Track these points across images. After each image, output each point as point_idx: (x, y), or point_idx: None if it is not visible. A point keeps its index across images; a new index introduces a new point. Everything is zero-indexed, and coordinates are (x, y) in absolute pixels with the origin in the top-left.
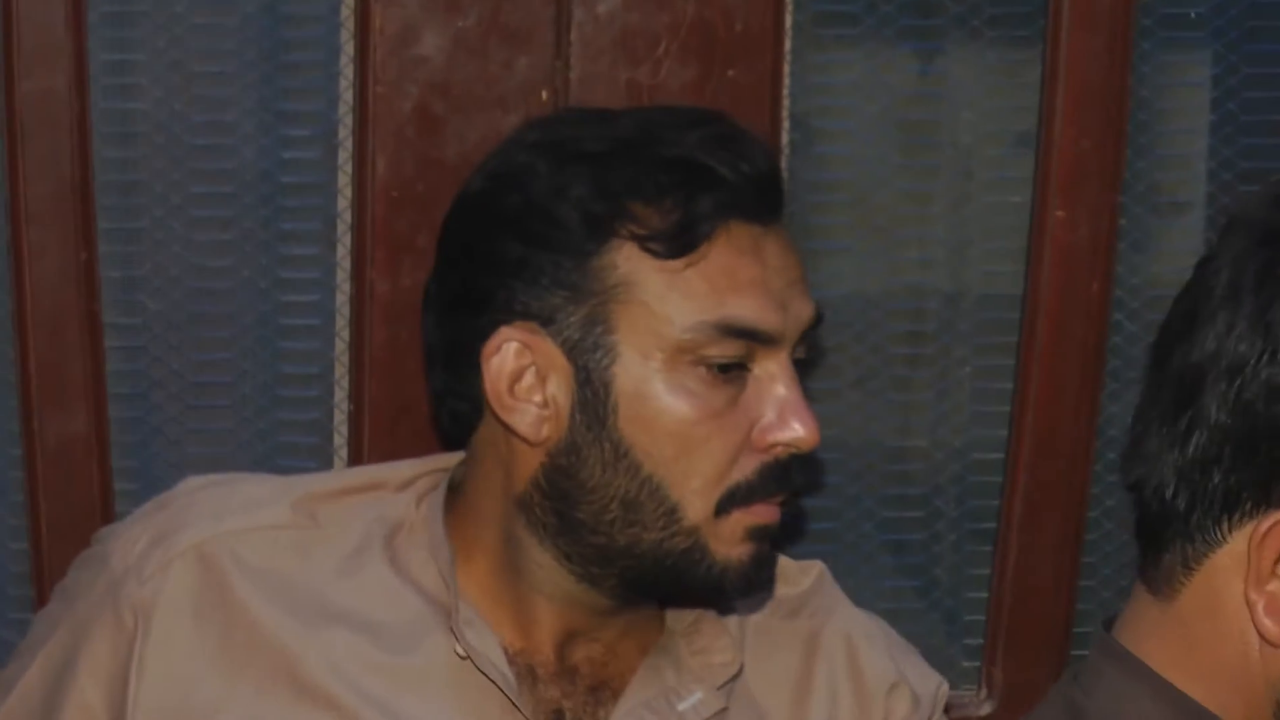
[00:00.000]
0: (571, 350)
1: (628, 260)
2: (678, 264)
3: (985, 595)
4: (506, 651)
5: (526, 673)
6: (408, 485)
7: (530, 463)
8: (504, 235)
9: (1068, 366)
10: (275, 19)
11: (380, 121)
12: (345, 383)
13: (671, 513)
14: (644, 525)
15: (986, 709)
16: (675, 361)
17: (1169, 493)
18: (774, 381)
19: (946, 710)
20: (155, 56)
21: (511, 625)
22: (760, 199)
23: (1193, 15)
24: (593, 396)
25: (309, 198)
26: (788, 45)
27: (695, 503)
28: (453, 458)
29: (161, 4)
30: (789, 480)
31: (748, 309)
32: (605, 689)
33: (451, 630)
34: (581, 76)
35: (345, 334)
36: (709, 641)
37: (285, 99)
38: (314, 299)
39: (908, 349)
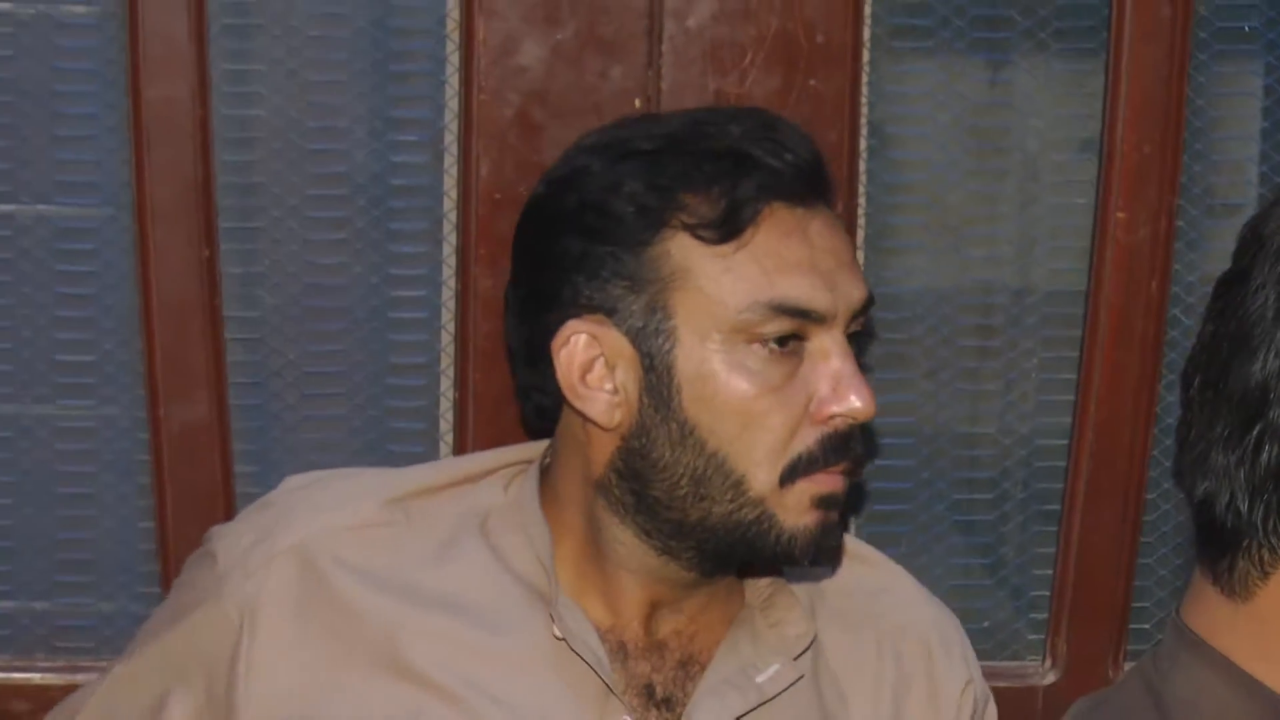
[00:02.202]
0: (635, 337)
1: (681, 248)
2: (727, 248)
3: (1050, 572)
4: (598, 630)
5: (618, 649)
6: (490, 474)
7: (606, 447)
8: (565, 233)
9: (1128, 358)
10: (385, 31)
11: (483, 128)
12: (450, 372)
13: (738, 485)
14: (713, 499)
15: (1051, 678)
16: (732, 341)
17: (1243, 505)
18: (829, 356)
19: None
20: (273, 66)
21: (600, 603)
22: (802, 182)
23: (1246, 29)
24: (658, 380)
25: (416, 199)
26: (866, 57)
27: (760, 475)
28: (531, 448)
29: (279, 17)
30: (849, 450)
31: (797, 288)
32: (694, 663)
33: (549, 614)
34: (672, 86)
35: (450, 327)
36: (783, 614)
37: (394, 107)
38: (421, 294)
39: (977, 341)
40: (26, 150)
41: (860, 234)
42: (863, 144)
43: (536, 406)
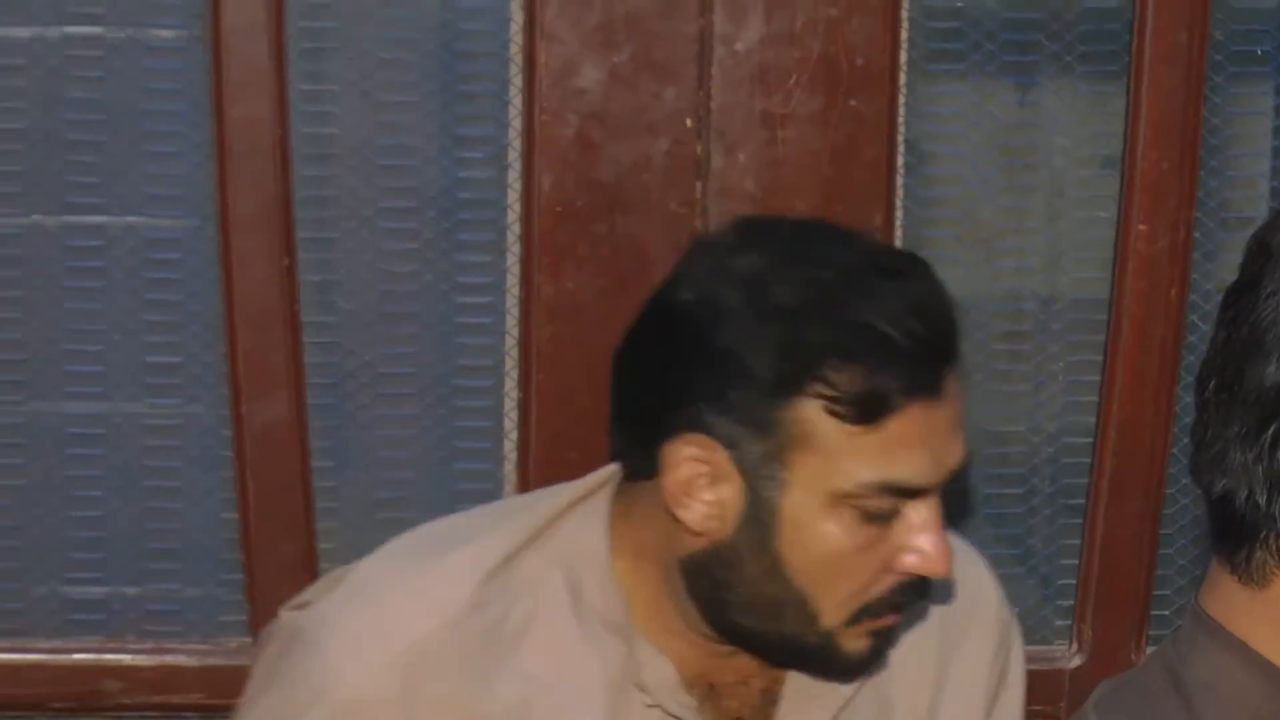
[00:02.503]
0: (746, 472)
1: (813, 416)
2: (858, 429)
3: (1075, 562)
4: (686, 675)
5: (708, 692)
6: (558, 519)
7: (695, 541)
8: (703, 365)
9: (1148, 362)
10: (452, 55)
11: (545, 145)
12: (514, 374)
13: (811, 619)
14: (784, 621)
15: (1077, 661)
16: (837, 503)
17: (1261, 499)
18: (923, 525)
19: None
20: (347, 88)
21: (684, 642)
22: (941, 372)
23: (1259, 53)
24: (759, 515)
25: (482, 212)
26: (903, 79)
27: (834, 614)
28: (590, 483)
29: (353, 41)
30: (914, 593)
31: (912, 472)
32: (776, 686)
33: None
34: (721, 106)
35: (514, 331)
36: None
37: (461, 125)
38: (486, 300)
39: (1007, 346)
40: (117, 165)
41: (897, 245)
42: (900, 161)
43: (631, 465)
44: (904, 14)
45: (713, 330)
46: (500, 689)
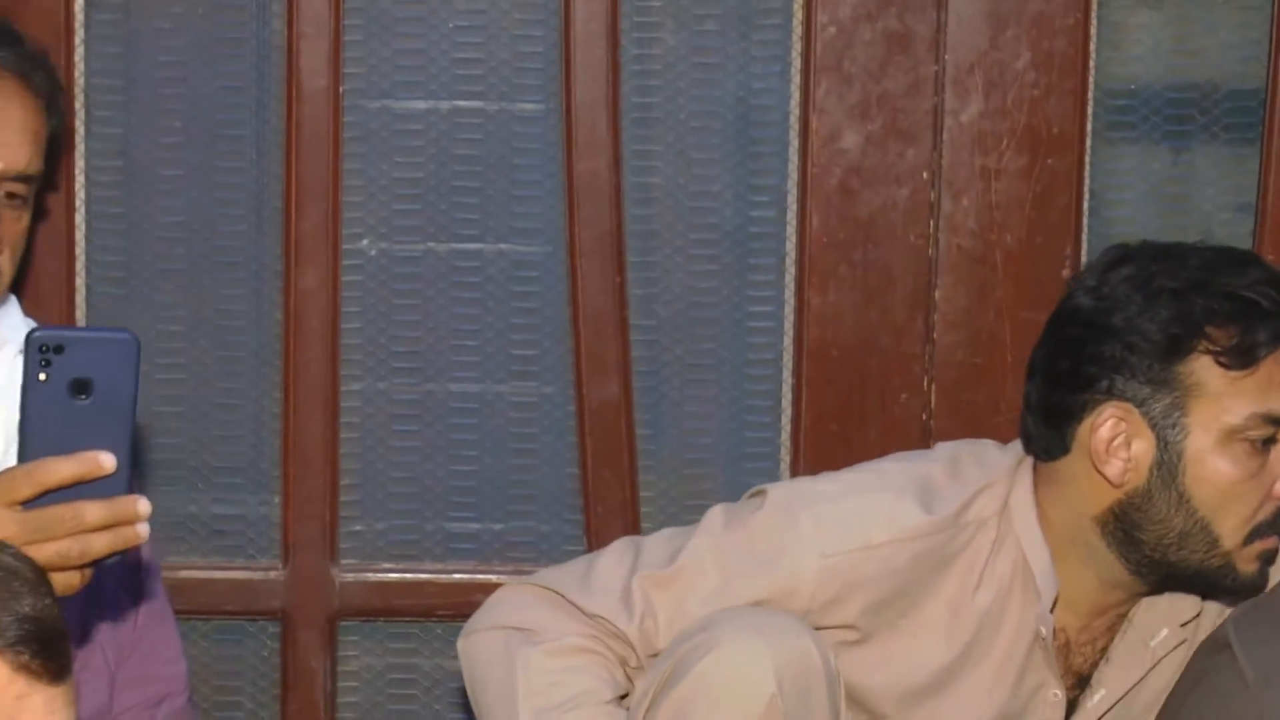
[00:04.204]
0: (1155, 425)
1: (1202, 369)
2: (1239, 373)
3: None
4: (1055, 628)
5: (1062, 645)
6: (961, 515)
7: (1109, 496)
8: (1111, 343)
9: None
10: (746, 123)
11: (815, 192)
12: (790, 365)
13: (1213, 543)
14: (1190, 550)
15: None
16: (1228, 439)
17: None
18: None
19: None
20: (666, 147)
21: (1061, 604)
22: None
23: None
24: (1168, 459)
25: (767, 242)
26: (1088, 143)
27: (1231, 537)
28: (987, 474)
29: (671, 113)
30: None
31: None
32: (1103, 637)
33: (1038, 625)
34: (949, 163)
35: (790, 333)
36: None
37: (751, 176)
38: (769, 309)
39: None
40: (491, 206)
41: (1083, 254)
42: (1085, 206)
43: (1045, 448)
44: (1090, 94)
45: (1113, 314)
46: (942, 591)
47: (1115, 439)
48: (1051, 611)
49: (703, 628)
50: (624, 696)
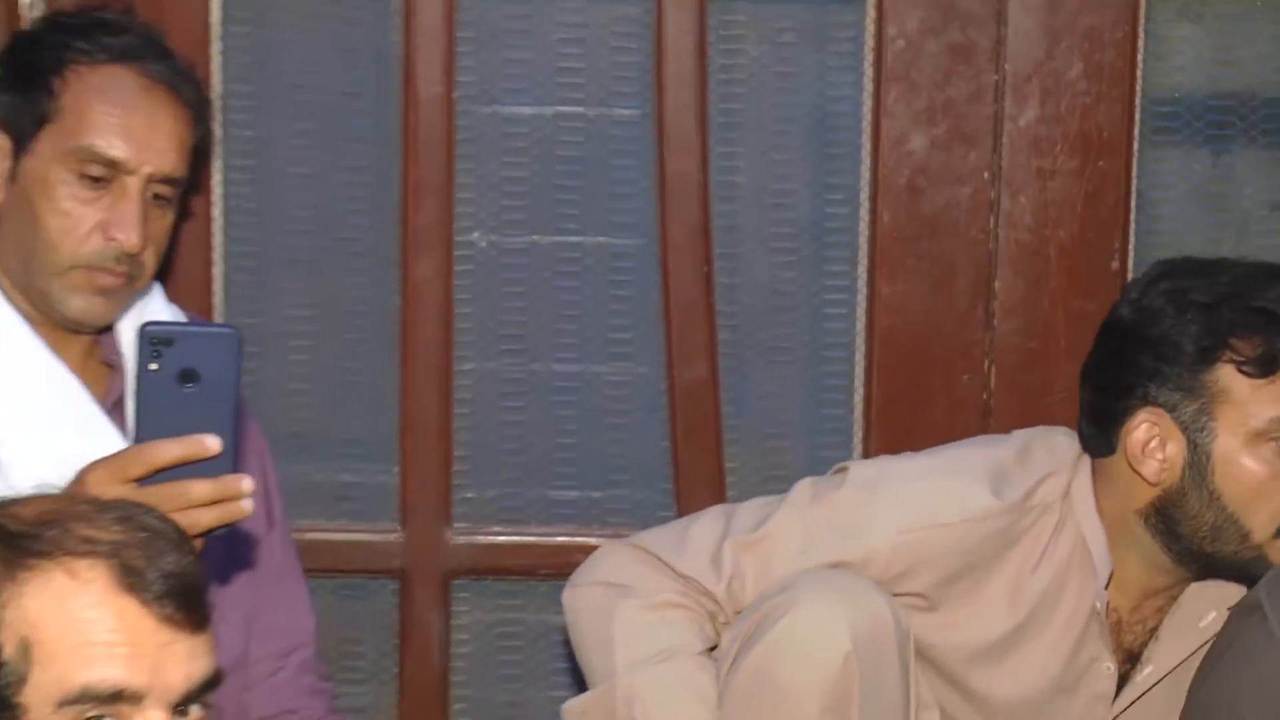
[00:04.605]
0: (1185, 429)
1: (1227, 377)
2: (1261, 381)
3: None
4: (1114, 612)
5: (1115, 623)
6: (1027, 500)
7: (1148, 492)
8: (1146, 353)
9: None
10: (822, 127)
11: (884, 190)
12: (862, 348)
13: (1245, 537)
14: (1224, 542)
15: None
16: (1254, 441)
17: None
18: None
19: None
20: (750, 149)
21: (1114, 585)
22: None
23: None
24: (1197, 460)
25: (841, 236)
26: (1135, 147)
27: (1261, 530)
28: (1048, 465)
29: (754, 117)
30: None
31: None
32: (1153, 618)
33: (1094, 602)
34: (1008, 164)
35: (862, 319)
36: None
37: (827, 176)
38: (843, 297)
39: None
40: (590, 202)
41: (1129, 260)
42: (1132, 204)
43: (1093, 447)
44: (1137, 101)
45: (1149, 326)
46: (1006, 568)
47: (1150, 441)
48: (1106, 590)
49: (784, 588)
50: (713, 649)
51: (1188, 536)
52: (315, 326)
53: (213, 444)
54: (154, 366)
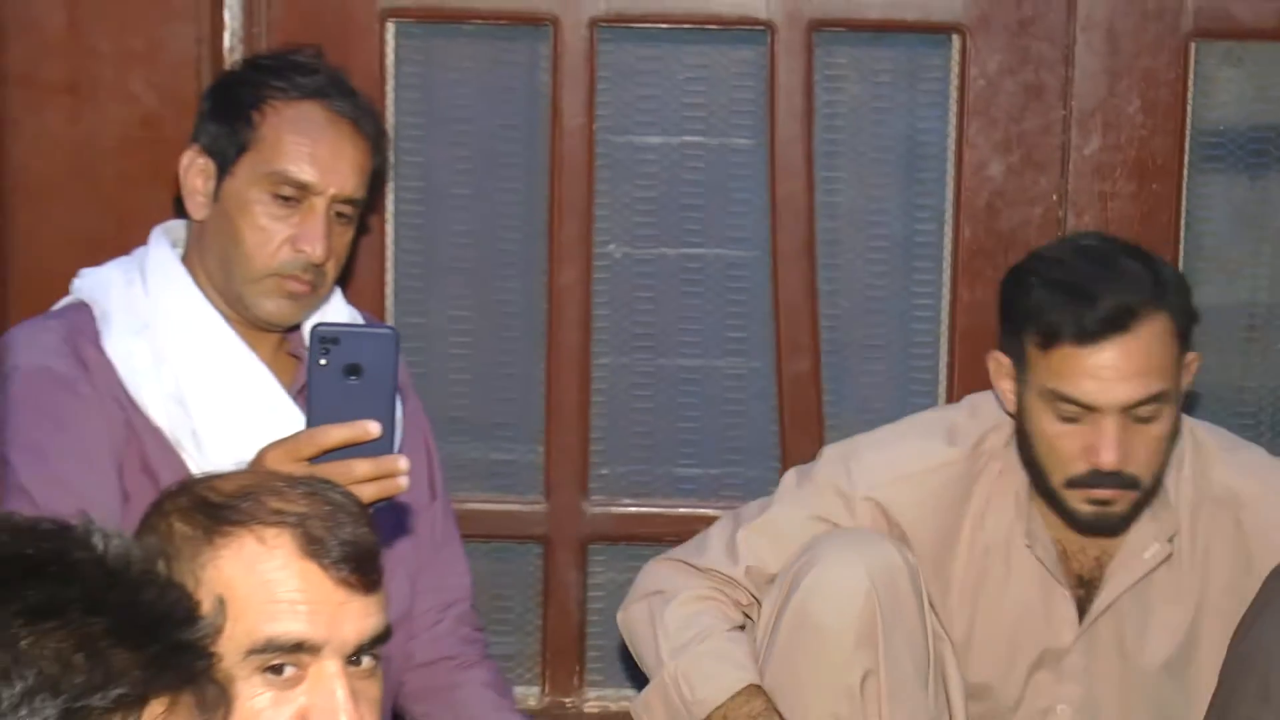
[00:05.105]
0: (1021, 374)
1: (1029, 342)
2: (1040, 353)
3: None
4: (1056, 543)
5: (1061, 554)
6: (981, 442)
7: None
8: (1005, 312)
9: None
10: (913, 156)
11: (965, 210)
12: (945, 347)
13: (1048, 478)
14: (1042, 481)
15: None
16: (1047, 399)
17: None
18: (1101, 426)
19: None
20: (850, 173)
21: (1058, 522)
22: (1104, 325)
23: None
24: (1023, 405)
25: (928, 250)
26: (1185, 173)
27: (1055, 476)
28: (986, 422)
29: (853, 147)
30: (1110, 481)
31: (1073, 388)
32: (1105, 554)
33: (1026, 541)
34: (1074, 188)
35: (945, 321)
36: (1160, 511)
37: (916, 197)
38: (928, 303)
39: (1246, 336)
40: (711, 219)
41: (1180, 262)
42: (1182, 222)
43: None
44: (1187, 133)
45: (1007, 291)
46: (970, 508)
47: (1000, 381)
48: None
49: (804, 552)
50: (741, 628)
51: (1028, 469)
52: (473, 325)
53: (374, 429)
54: (323, 362)
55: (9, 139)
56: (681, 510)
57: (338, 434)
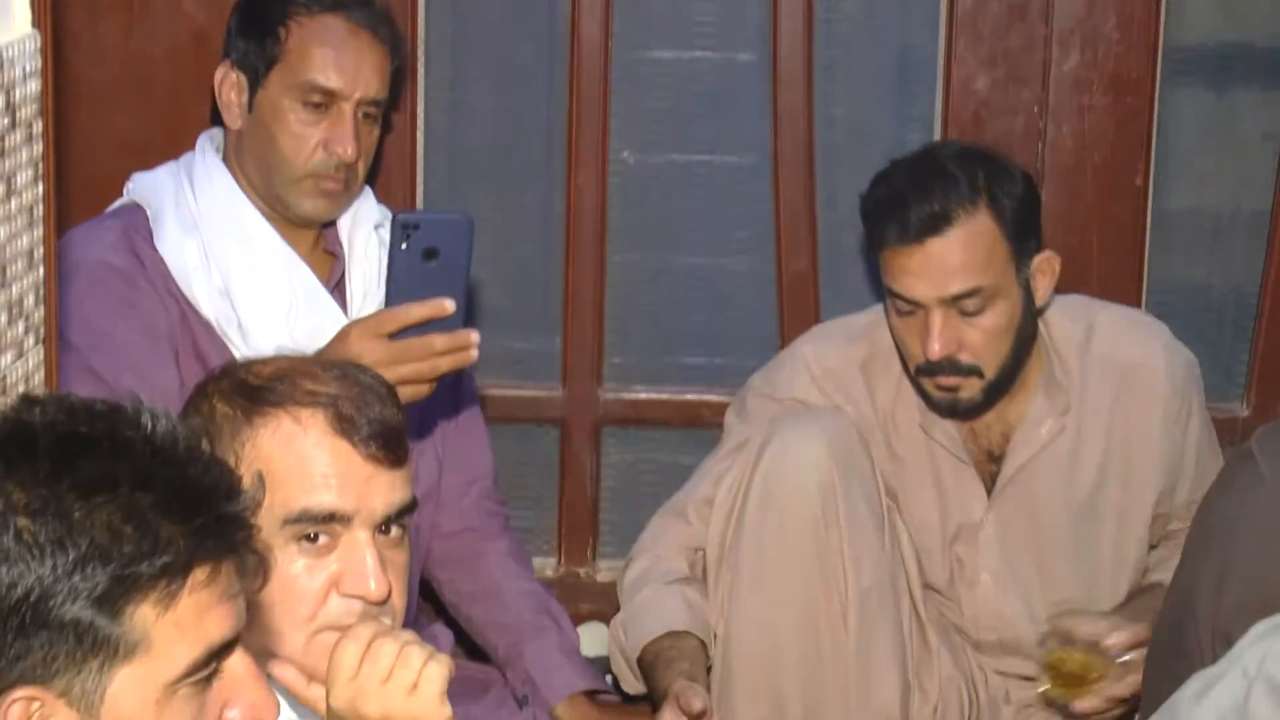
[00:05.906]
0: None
1: (880, 239)
2: (882, 252)
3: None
4: (963, 425)
5: (969, 434)
6: (875, 343)
7: None
8: (864, 211)
9: None
10: (904, 70)
11: (953, 120)
12: None
13: (907, 369)
14: (907, 370)
15: (1245, 414)
16: (890, 298)
17: None
18: (925, 317)
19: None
20: (847, 81)
21: None
22: (920, 224)
23: None
24: (886, 309)
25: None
26: (1157, 86)
27: (912, 370)
28: (876, 321)
29: (848, 60)
30: (946, 369)
31: (899, 284)
32: (1009, 429)
33: (921, 425)
34: (1054, 100)
35: None
36: (1055, 390)
37: (906, 105)
38: None
39: (1210, 240)
40: (717, 128)
41: (1150, 178)
42: (1154, 131)
43: None
44: (1159, 49)
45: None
46: (877, 398)
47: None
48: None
49: (762, 431)
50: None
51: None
52: (496, 225)
53: (450, 305)
54: (404, 246)
55: (69, 50)
56: (688, 396)
57: (418, 311)
